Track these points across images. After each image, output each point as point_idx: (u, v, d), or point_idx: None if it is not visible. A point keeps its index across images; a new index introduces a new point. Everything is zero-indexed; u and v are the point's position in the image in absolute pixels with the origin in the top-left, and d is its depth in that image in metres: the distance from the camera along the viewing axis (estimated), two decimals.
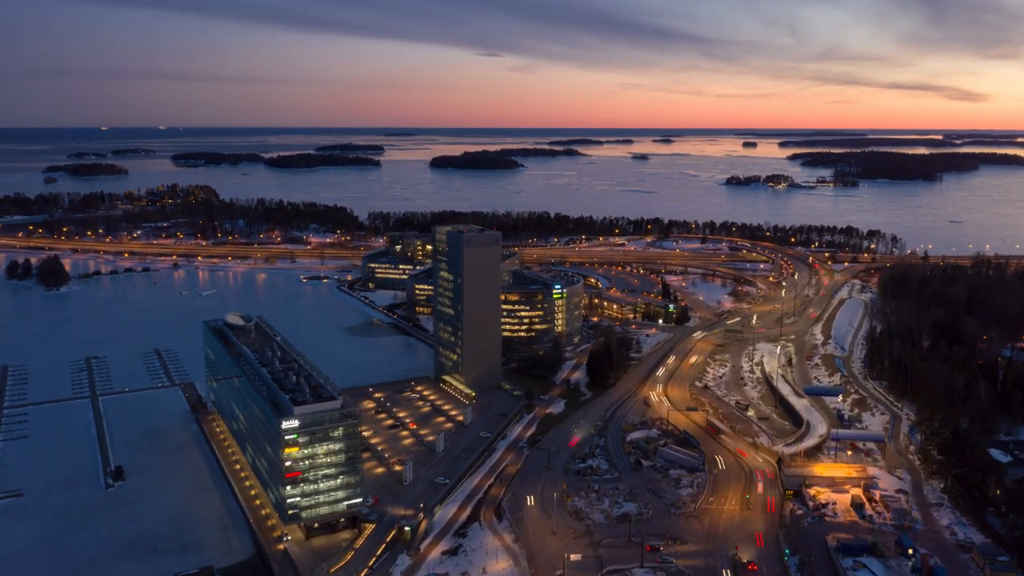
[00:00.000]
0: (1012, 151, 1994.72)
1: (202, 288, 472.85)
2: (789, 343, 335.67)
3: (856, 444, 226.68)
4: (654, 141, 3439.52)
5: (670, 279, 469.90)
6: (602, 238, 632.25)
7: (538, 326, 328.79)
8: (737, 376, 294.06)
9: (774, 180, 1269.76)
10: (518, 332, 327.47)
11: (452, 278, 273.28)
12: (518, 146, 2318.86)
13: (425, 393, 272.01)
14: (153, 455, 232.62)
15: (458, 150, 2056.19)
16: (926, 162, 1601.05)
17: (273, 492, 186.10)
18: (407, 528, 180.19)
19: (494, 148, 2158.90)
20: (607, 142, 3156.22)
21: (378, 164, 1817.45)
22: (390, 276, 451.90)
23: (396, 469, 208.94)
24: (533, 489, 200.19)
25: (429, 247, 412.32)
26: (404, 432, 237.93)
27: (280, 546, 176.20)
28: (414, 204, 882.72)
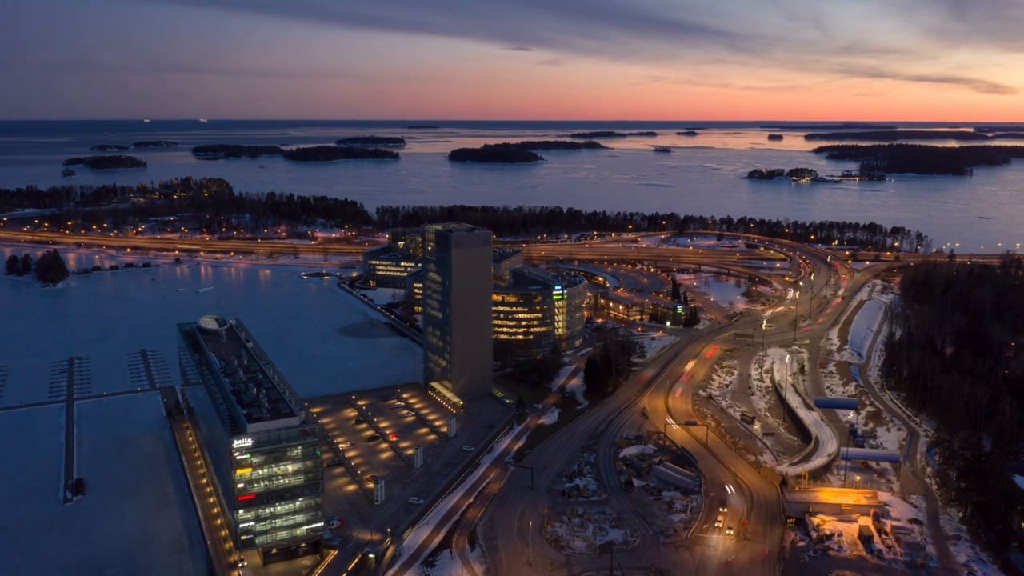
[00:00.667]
0: None
1: (200, 285, 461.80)
2: (803, 348, 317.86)
3: (869, 463, 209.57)
4: (678, 134, 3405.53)
5: (682, 278, 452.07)
6: (614, 234, 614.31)
7: (536, 329, 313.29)
8: (745, 385, 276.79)
9: (797, 174, 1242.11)
10: (515, 335, 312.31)
11: (440, 279, 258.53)
12: (540, 139, 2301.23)
13: (411, 401, 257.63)
14: (119, 466, 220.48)
15: (479, 143, 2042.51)
16: (956, 155, 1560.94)
17: (228, 515, 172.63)
18: (371, 556, 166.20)
19: (515, 141, 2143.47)
20: (630, 135, 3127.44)
21: (396, 157, 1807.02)
22: (391, 273, 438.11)
23: (369, 487, 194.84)
24: (513, 512, 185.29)
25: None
26: (383, 444, 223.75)
27: (235, 573, 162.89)
28: (427, 198, 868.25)
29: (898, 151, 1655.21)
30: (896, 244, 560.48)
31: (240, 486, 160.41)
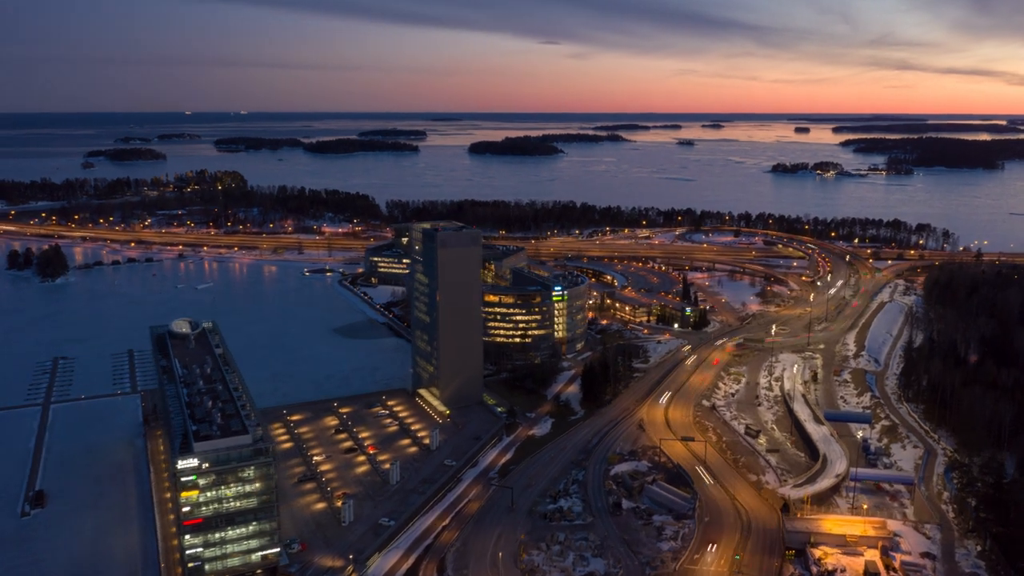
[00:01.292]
0: None
1: (199, 281, 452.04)
2: (817, 354, 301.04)
3: (881, 484, 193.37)
4: (703, 127, 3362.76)
5: (694, 276, 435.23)
6: (627, 230, 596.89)
7: (535, 332, 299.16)
8: (752, 394, 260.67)
9: (822, 168, 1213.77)
10: (512, 338, 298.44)
11: (427, 281, 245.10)
12: (562, 131, 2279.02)
13: (397, 409, 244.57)
14: (84, 477, 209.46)
15: (500, 136, 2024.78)
16: (987, 148, 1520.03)
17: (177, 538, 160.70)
18: None
19: (536, 133, 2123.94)
20: (654, 127, 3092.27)
21: (416, 150, 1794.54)
22: (393, 271, 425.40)
23: (338, 505, 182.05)
24: (488, 536, 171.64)
25: None
26: (360, 457, 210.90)
27: None
28: (442, 192, 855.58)
29: (927, 144, 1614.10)
30: (921, 242, 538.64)
31: (186, 509, 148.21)
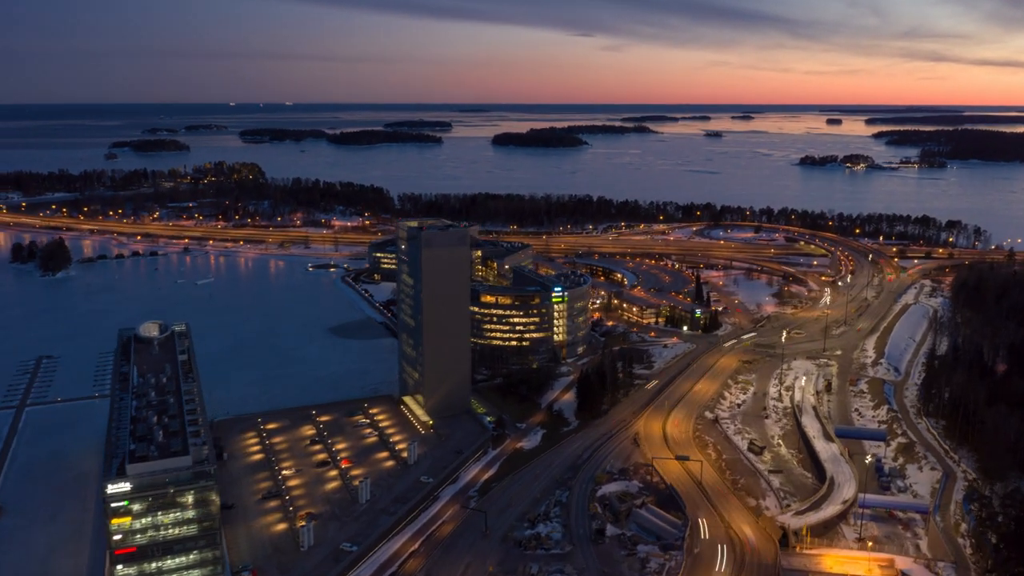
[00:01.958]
0: None
1: (200, 276, 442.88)
2: (833, 361, 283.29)
3: (894, 512, 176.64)
4: (732, 118, 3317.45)
5: (709, 275, 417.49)
6: (643, 225, 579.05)
7: (533, 334, 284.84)
8: (759, 405, 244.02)
9: (852, 160, 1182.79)
10: (509, 341, 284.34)
11: (412, 283, 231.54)
12: (587, 123, 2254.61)
13: (379, 418, 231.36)
14: (46, 486, 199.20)
15: (525, 127, 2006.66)
16: None
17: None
18: None
19: (562, 125, 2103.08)
20: (682, 119, 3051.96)
21: (439, 141, 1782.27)
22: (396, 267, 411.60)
23: (299, 526, 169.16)
24: (456, 567, 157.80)
25: None
26: (333, 472, 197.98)
27: None
28: (460, 184, 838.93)
29: (962, 136, 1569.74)
30: (951, 239, 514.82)
31: (118, 538, 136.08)
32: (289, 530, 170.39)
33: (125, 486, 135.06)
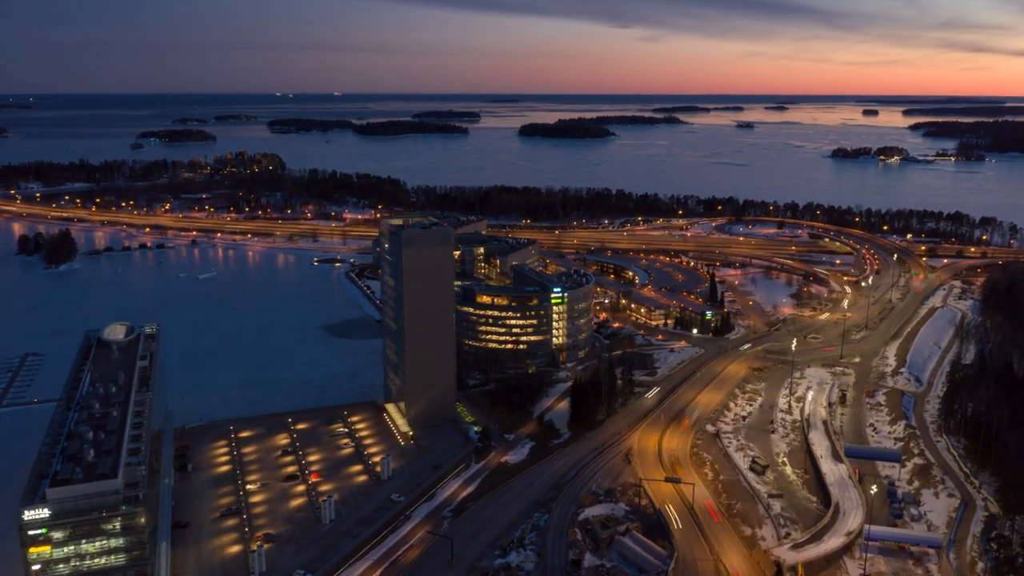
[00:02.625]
0: None
1: (203, 270, 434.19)
2: (850, 369, 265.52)
3: (905, 546, 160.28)
4: (766, 108, 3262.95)
5: (726, 273, 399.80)
6: (662, 220, 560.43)
7: (530, 337, 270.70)
8: (766, 418, 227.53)
9: (886, 153, 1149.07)
10: (505, 344, 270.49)
11: (394, 284, 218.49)
12: (617, 113, 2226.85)
13: (359, 427, 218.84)
14: (5, 497, 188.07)
15: (554, 117, 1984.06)
16: None
17: None
18: None
19: (591, 115, 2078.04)
20: (715, 109, 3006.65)
21: (466, 132, 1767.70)
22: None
23: (252, 549, 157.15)
24: None
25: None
26: (300, 487, 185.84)
27: None
28: (481, 176, 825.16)
29: (1003, 128, 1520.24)
30: (984, 237, 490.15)
31: (36, 567, 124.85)
32: (241, 555, 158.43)
33: (43, 512, 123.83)
